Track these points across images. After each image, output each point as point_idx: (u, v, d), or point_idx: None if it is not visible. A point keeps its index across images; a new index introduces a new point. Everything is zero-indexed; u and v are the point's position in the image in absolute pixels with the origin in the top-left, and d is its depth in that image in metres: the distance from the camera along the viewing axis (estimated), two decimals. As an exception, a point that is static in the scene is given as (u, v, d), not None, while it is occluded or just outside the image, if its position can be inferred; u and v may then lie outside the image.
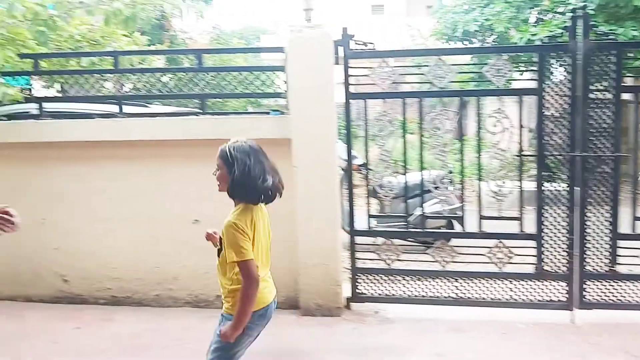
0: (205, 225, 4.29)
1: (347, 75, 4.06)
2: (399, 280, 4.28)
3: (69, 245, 4.48)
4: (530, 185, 4.10)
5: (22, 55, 4.15)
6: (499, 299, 4.12)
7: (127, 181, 4.36)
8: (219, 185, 2.49)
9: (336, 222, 4.17)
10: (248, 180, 2.36)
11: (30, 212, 4.45)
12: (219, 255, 2.50)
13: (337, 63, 4.02)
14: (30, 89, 5.47)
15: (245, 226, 2.33)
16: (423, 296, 4.22)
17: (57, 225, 4.46)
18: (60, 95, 4.92)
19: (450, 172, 4.56)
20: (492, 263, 4.10)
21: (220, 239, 2.46)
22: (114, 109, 4.36)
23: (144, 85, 4.42)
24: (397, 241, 4.34)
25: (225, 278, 2.43)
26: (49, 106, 4.45)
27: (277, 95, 4.21)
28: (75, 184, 4.41)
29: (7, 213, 2.46)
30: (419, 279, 4.28)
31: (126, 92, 4.48)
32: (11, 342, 3.79)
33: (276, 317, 4.17)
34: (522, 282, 4.10)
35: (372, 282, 4.30)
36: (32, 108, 4.47)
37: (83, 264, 4.48)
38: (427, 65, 4.09)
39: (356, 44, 4.03)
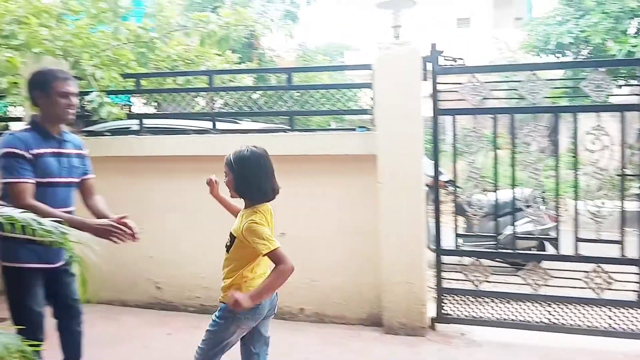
0: (291, 239, 4.41)
1: (435, 91, 4.01)
2: (487, 302, 4.13)
3: (163, 254, 4.69)
4: (632, 206, 3.83)
5: (125, 75, 4.43)
6: (596, 327, 3.86)
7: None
8: (230, 191, 2.63)
9: (421, 240, 4.10)
10: (249, 182, 2.53)
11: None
12: (227, 251, 2.65)
13: (425, 79, 3.98)
14: (130, 106, 5.84)
15: (262, 220, 2.49)
16: (512, 320, 4.04)
17: (153, 234, 4.67)
18: (158, 112, 5.19)
19: (543, 191, 4.36)
20: (589, 288, 3.86)
21: (231, 235, 2.60)
22: (207, 124, 4.56)
23: (235, 102, 4.57)
24: (485, 261, 4.20)
25: (227, 271, 2.61)
26: (148, 122, 4.71)
27: (363, 112, 4.22)
28: (170, 195, 4.63)
29: (125, 224, 2.59)
30: (508, 302, 4.10)
31: (219, 109, 4.65)
32: (108, 345, 3.99)
33: (359, 333, 4.21)
34: (622, 310, 3.83)
35: (458, 303, 4.18)
36: (133, 124, 4.75)
37: (175, 273, 4.67)
38: (519, 81, 3.96)
39: (445, 59, 3.97)
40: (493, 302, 4.11)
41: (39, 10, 3.69)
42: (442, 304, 4.18)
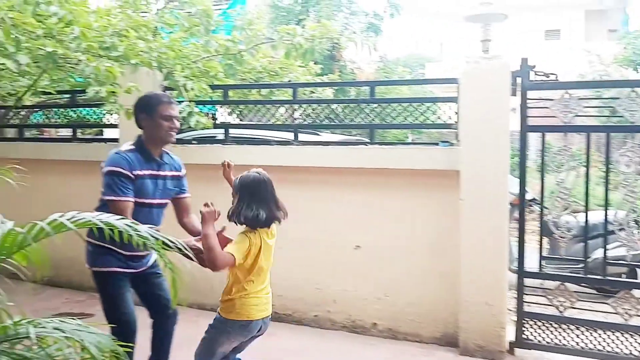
0: (366, 251, 4.39)
1: (524, 107, 3.87)
2: (571, 329, 3.91)
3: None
4: None
5: (214, 87, 4.60)
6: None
7: (296, 204, 4.56)
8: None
9: (503, 260, 3.96)
10: (244, 212, 2.64)
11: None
12: None
13: (514, 94, 3.86)
14: (214, 115, 6.04)
15: (253, 238, 2.64)
16: (599, 350, 3.80)
17: (232, 241, 4.82)
18: (242, 122, 5.34)
19: (639, 214, 4.08)
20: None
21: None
22: (288, 135, 4.64)
23: (317, 114, 4.63)
24: (571, 286, 3.98)
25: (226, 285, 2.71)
26: (232, 132, 4.86)
27: (447, 126, 4.15)
28: (250, 203, 4.73)
29: (197, 249, 2.66)
30: (594, 331, 3.87)
31: (301, 120, 4.72)
32: (184, 346, 4.09)
33: (433, 353, 4.11)
34: None
35: (539, 328, 3.99)
36: (218, 133, 4.92)
37: (251, 280, 4.76)
38: (616, 98, 3.75)
39: (536, 74, 3.83)
40: (578, 329, 3.89)
41: (138, 24, 3.92)
42: (523, 328, 4.00)
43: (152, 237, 1.71)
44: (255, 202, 2.66)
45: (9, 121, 5.68)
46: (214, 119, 5.69)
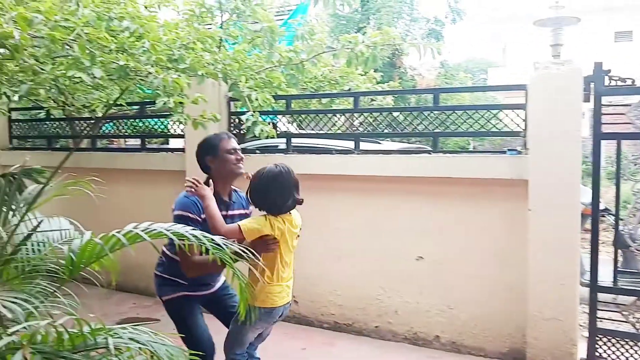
0: (429, 262, 4.31)
1: (598, 114, 3.69)
2: (650, 347, 3.69)
3: (303, 269, 4.77)
4: None
5: (277, 97, 4.65)
6: None
7: (357, 213, 4.56)
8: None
9: (575, 273, 3.78)
10: (261, 197, 2.76)
11: (270, 235, 4.94)
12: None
13: (586, 100, 3.69)
14: (275, 125, 6.11)
15: (263, 222, 2.70)
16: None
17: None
18: (302, 131, 5.37)
19: None
20: None
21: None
22: (347, 144, 4.63)
23: (379, 123, 4.59)
24: (649, 302, 3.76)
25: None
26: (293, 141, 4.90)
27: (515, 133, 4.01)
28: (312, 213, 4.72)
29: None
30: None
31: (361, 129, 4.70)
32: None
33: (501, 369, 3.97)
34: None
35: (614, 346, 3.79)
36: (280, 142, 4.97)
37: (312, 288, 4.77)
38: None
39: (611, 79, 3.64)
40: (658, 349, 3.66)
41: (205, 36, 4.02)
42: (595, 346, 3.82)
43: (221, 246, 1.72)
44: (273, 191, 2.75)
45: (82, 132, 5.96)
46: (275, 128, 5.76)
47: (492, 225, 4.08)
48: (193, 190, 2.77)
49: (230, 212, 3.02)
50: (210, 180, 3.00)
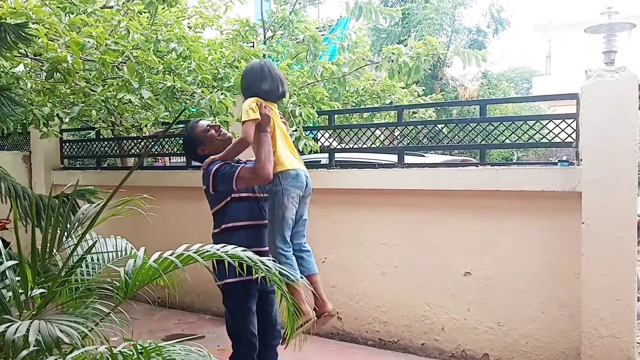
0: (477, 278, 4.20)
1: (654, 123, 3.54)
2: None
3: (345, 285, 4.77)
4: None
5: (320, 112, 4.66)
6: None
7: (403, 228, 4.50)
8: None
9: (631, 288, 3.61)
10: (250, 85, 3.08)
11: (313, 250, 4.90)
12: None
13: (642, 108, 3.55)
14: (316, 139, 6.12)
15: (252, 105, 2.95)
16: None
17: (336, 265, 4.80)
18: (346, 146, 5.36)
19: None
20: None
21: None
22: (389, 157, 4.58)
23: (423, 135, 4.52)
24: None
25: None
26: (336, 155, 4.88)
27: (567, 144, 3.89)
28: (354, 227, 4.72)
29: None
30: None
31: (406, 142, 4.65)
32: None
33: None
34: None
35: (675, 366, 3.60)
36: (322, 157, 4.96)
37: (356, 305, 4.71)
38: None
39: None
40: None
41: (249, 54, 4.07)
42: (655, 365, 3.63)
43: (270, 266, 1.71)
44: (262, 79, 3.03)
45: (129, 150, 6.11)
46: (317, 142, 5.76)
47: (542, 239, 3.95)
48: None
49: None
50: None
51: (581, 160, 3.71)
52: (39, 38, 3.23)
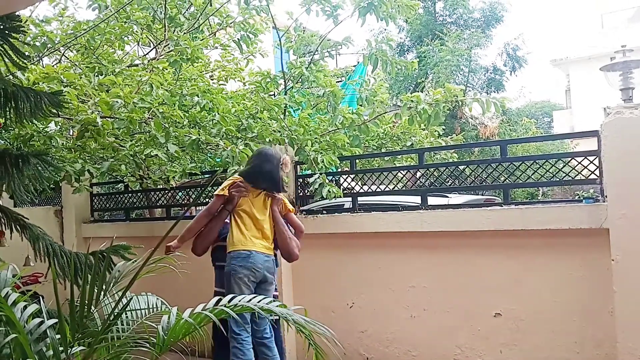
0: (507, 319, 4.12)
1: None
2: None
3: (374, 330, 4.72)
4: None
5: (342, 158, 4.73)
6: None
7: (430, 270, 4.47)
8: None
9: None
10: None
11: (341, 295, 4.88)
12: None
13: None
14: (338, 183, 6.17)
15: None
16: None
17: (364, 309, 4.77)
18: (370, 190, 5.41)
19: None
20: None
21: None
22: (412, 199, 4.59)
23: (445, 177, 4.54)
24: None
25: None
26: (359, 199, 4.91)
27: (591, 181, 3.87)
28: (381, 271, 4.70)
29: None
30: None
31: (428, 184, 4.67)
32: None
33: None
34: None
35: None
36: (346, 201, 5.00)
37: (386, 349, 4.65)
38: None
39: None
40: None
41: (270, 104, 4.19)
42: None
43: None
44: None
45: (157, 202, 6.24)
46: (339, 186, 5.82)
47: (572, 277, 3.88)
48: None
49: None
50: None
51: (606, 196, 3.69)
52: (70, 101, 3.39)
